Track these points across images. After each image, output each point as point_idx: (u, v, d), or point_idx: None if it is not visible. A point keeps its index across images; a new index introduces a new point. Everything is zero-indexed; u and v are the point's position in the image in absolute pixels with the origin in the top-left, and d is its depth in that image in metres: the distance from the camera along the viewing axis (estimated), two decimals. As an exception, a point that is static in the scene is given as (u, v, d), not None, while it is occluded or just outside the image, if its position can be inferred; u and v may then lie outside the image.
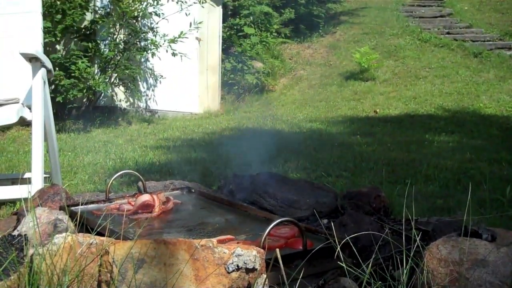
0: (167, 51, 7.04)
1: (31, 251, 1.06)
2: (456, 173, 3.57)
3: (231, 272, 1.08)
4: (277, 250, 1.12)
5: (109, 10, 7.22)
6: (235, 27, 10.24)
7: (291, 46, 11.18)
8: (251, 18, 10.28)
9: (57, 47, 7.22)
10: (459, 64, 9.28)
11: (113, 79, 7.12)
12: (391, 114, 7.01)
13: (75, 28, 7.05)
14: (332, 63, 10.29)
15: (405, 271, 1.10)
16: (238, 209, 1.78)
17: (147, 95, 7.84)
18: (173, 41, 6.99)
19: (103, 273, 1.05)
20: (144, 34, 7.12)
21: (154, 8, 7.03)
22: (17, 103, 2.68)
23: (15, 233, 1.59)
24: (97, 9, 7.29)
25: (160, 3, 7.00)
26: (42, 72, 2.59)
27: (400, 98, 7.92)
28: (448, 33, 10.93)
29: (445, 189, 3.18)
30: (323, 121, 6.51)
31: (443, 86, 8.35)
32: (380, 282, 1.10)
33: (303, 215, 1.83)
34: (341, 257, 1.17)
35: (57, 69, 6.52)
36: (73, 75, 6.59)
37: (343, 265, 1.11)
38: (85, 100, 7.23)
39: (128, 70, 6.97)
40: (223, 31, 9.43)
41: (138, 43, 7.12)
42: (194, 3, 7.18)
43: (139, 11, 7.00)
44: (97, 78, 6.72)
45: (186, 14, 7.09)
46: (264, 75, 9.54)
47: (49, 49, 7.01)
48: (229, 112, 8.34)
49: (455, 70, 9.00)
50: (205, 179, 3.26)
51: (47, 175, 2.86)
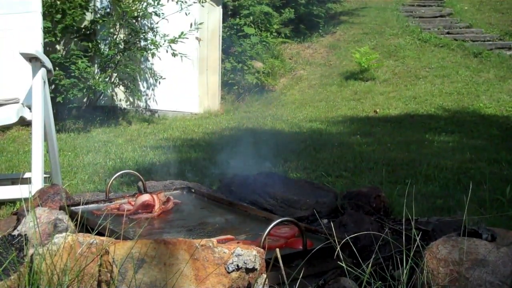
0: (167, 51, 7.04)
1: (31, 251, 1.06)
2: (456, 173, 3.57)
3: (231, 272, 1.08)
4: (277, 250, 1.12)
5: (109, 10, 7.23)
6: (235, 27, 10.24)
7: (291, 46, 11.18)
8: (251, 18, 10.28)
9: (57, 47, 7.22)
10: (459, 64, 9.29)
11: (113, 79, 7.12)
12: (391, 114, 7.01)
13: (75, 28, 7.05)
14: (332, 63, 10.29)
15: (405, 271, 1.10)
16: (238, 209, 1.78)
17: (147, 95, 7.84)
18: (173, 41, 6.99)
19: (103, 273, 1.05)
20: (144, 34, 7.12)
21: (154, 8, 7.03)
22: (17, 103, 2.68)
23: (15, 233, 1.59)
24: (97, 9, 7.29)
25: (160, 3, 7.00)
26: (42, 72, 2.59)
27: (400, 98, 7.92)
28: (448, 33, 10.93)
29: (445, 189, 3.18)
30: (323, 121, 6.51)
31: (443, 86, 8.35)
32: (380, 282, 1.10)
33: (303, 215, 1.83)
34: (341, 257, 1.17)
35: (57, 69, 6.52)
36: (73, 75, 6.59)
37: (343, 265, 1.11)
38: (85, 100, 7.23)
39: (128, 69, 6.97)
40: (223, 31, 9.43)
41: (138, 42, 7.12)
42: (194, 3, 7.18)
43: (139, 11, 7.00)
44: (97, 77, 6.72)
45: (186, 14, 7.09)
46: (264, 75, 9.54)
47: (49, 49, 7.01)
48: (229, 112, 8.34)
49: (455, 70, 9.00)
50: (205, 179, 3.26)
51: (47, 175, 2.86)
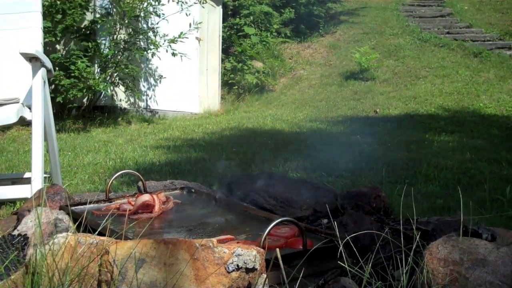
0: (167, 51, 7.04)
1: (32, 251, 1.06)
2: (456, 173, 3.57)
3: (231, 272, 1.08)
4: (277, 249, 1.12)
5: (109, 10, 7.23)
6: (235, 27, 10.24)
7: (291, 46, 11.18)
8: (251, 18, 10.29)
9: (57, 47, 7.23)
10: (459, 64, 9.29)
11: (113, 79, 7.12)
12: (391, 114, 7.01)
13: (75, 27, 7.05)
14: (332, 63, 10.29)
15: (405, 271, 1.10)
16: (238, 209, 1.78)
17: (147, 95, 7.84)
18: (173, 41, 6.99)
19: (103, 273, 1.05)
20: (144, 34, 7.12)
21: (154, 8, 7.03)
22: (17, 103, 2.68)
23: (15, 233, 1.59)
24: (97, 9, 7.29)
25: (161, 3, 7.01)
26: (42, 72, 2.59)
27: (400, 98, 7.92)
28: (448, 33, 10.93)
29: (445, 189, 3.18)
30: (323, 121, 6.51)
31: (443, 86, 8.35)
32: (380, 282, 1.10)
33: (303, 215, 1.83)
34: (343, 256, 1.17)
35: (57, 69, 6.52)
36: (73, 75, 6.59)
37: (343, 264, 1.11)
38: (85, 100, 7.23)
39: (128, 69, 6.97)
40: (223, 31, 9.43)
41: (138, 42, 7.13)
42: (194, 3, 7.18)
43: (139, 10, 7.01)
44: (97, 77, 6.72)
45: (186, 14, 7.09)
46: (264, 75, 9.55)
47: (49, 49, 7.01)
48: (229, 112, 8.35)
49: (455, 70, 9.00)
50: (205, 179, 3.26)
51: (47, 175, 2.86)
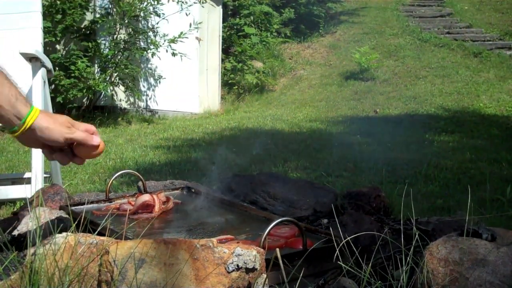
0: (167, 51, 7.04)
1: (31, 251, 1.06)
2: (456, 173, 3.57)
3: (231, 271, 1.08)
4: (277, 249, 1.12)
5: (109, 10, 7.23)
6: (235, 27, 10.24)
7: (291, 46, 11.18)
8: (251, 18, 10.29)
9: (57, 47, 7.23)
10: (459, 64, 9.29)
11: (113, 79, 7.12)
12: (391, 114, 7.01)
13: (75, 27, 7.05)
14: (332, 63, 10.29)
15: (405, 271, 1.10)
16: (238, 209, 1.77)
17: (147, 95, 7.85)
18: (173, 41, 6.99)
19: (103, 273, 1.05)
20: (144, 33, 7.12)
21: (154, 8, 7.03)
22: (17, 103, 2.68)
23: (15, 233, 1.59)
24: (97, 9, 7.29)
25: (160, 2, 7.01)
26: (42, 72, 2.60)
27: (400, 98, 7.92)
28: (448, 33, 10.93)
29: (445, 189, 3.18)
30: (323, 121, 6.51)
31: (443, 86, 8.35)
32: (380, 281, 1.10)
33: (303, 215, 1.83)
34: (342, 256, 1.17)
35: (57, 69, 6.52)
36: (73, 75, 6.59)
37: (343, 265, 1.11)
38: (85, 100, 7.23)
39: (128, 69, 6.97)
40: (223, 31, 9.43)
41: (138, 42, 7.13)
42: (194, 3, 7.18)
43: (139, 10, 7.01)
44: (97, 77, 6.72)
45: (186, 14, 7.10)
46: (264, 75, 9.55)
47: (49, 49, 7.02)
48: (229, 112, 8.35)
49: (455, 70, 9.00)
50: (205, 179, 3.26)
51: (47, 175, 2.86)
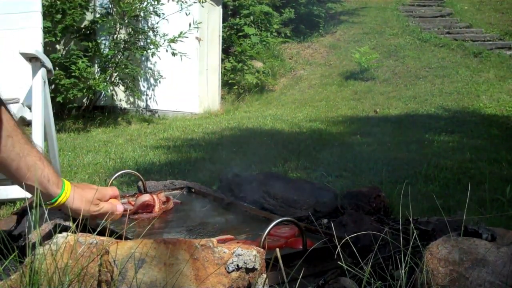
0: (167, 51, 7.04)
1: (31, 251, 1.06)
2: (456, 173, 3.57)
3: (231, 272, 1.08)
4: (277, 249, 1.12)
5: (109, 10, 7.23)
6: (235, 27, 10.24)
7: (291, 46, 11.18)
8: (251, 18, 10.29)
9: (57, 47, 7.23)
10: (459, 64, 9.29)
11: (113, 79, 7.12)
12: (391, 114, 7.01)
13: (75, 27, 7.05)
14: (332, 63, 10.29)
15: (404, 271, 1.10)
16: (238, 209, 1.77)
17: (147, 95, 7.85)
18: (173, 40, 6.99)
19: (103, 273, 1.05)
20: (144, 33, 7.13)
21: (154, 8, 7.04)
22: (17, 103, 2.68)
23: (15, 233, 1.59)
24: (97, 8, 7.29)
25: (160, 2, 7.01)
26: (42, 71, 2.59)
27: (400, 98, 7.92)
28: (448, 33, 10.93)
29: (445, 189, 3.18)
30: (323, 121, 6.51)
31: (443, 86, 8.35)
32: (380, 281, 1.10)
33: (303, 215, 1.83)
34: (341, 257, 1.17)
35: (57, 68, 6.52)
36: (73, 74, 6.60)
37: (343, 264, 1.11)
38: (85, 99, 7.23)
39: (128, 69, 6.98)
40: (223, 31, 9.43)
41: (138, 42, 7.13)
42: (194, 2, 7.18)
43: (139, 10, 7.01)
44: (97, 77, 6.72)
45: (186, 14, 7.10)
46: (264, 75, 9.55)
47: (49, 48, 7.02)
48: (229, 112, 8.35)
49: (455, 70, 9.00)
50: (205, 179, 3.26)
51: (47, 175, 2.86)
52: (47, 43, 6.73)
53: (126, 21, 7.00)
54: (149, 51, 7.09)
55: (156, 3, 6.99)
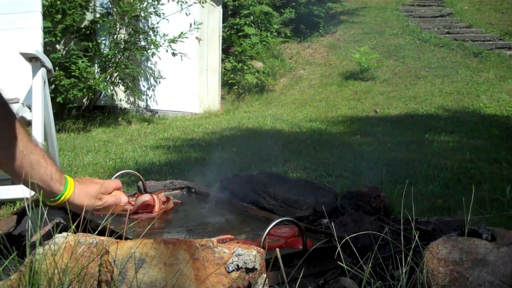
0: (167, 51, 7.04)
1: (31, 251, 1.06)
2: (456, 173, 3.57)
3: (231, 271, 1.08)
4: (277, 249, 1.12)
5: (109, 10, 7.23)
6: (235, 27, 10.24)
7: (291, 46, 11.18)
8: (251, 18, 10.29)
9: (57, 47, 7.23)
10: (459, 64, 9.29)
11: (113, 79, 7.12)
12: (391, 114, 7.01)
13: (75, 27, 7.05)
14: (332, 63, 10.29)
15: (404, 271, 1.10)
16: (238, 209, 1.77)
17: (147, 95, 7.85)
18: (173, 41, 6.99)
19: (103, 273, 1.05)
20: (144, 33, 7.13)
21: (154, 8, 7.04)
22: (17, 103, 2.68)
23: (15, 233, 1.59)
24: (97, 8, 7.29)
25: (160, 3, 7.01)
26: (42, 72, 2.59)
27: (400, 98, 7.92)
28: (448, 33, 10.93)
29: (445, 189, 3.18)
30: (323, 121, 6.51)
31: (443, 86, 8.35)
32: (380, 281, 1.10)
33: (303, 215, 1.83)
34: (341, 256, 1.17)
35: (57, 69, 6.52)
36: (73, 74, 6.59)
37: (343, 264, 1.11)
38: (85, 99, 7.23)
39: (128, 69, 6.97)
40: (223, 31, 9.43)
41: (138, 42, 7.13)
42: (194, 3, 7.18)
43: (139, 10, 7.01)
44: (97, 77, 6.72)
45: (186, 14, 7.09)
46: (264, 75, 9.55)
47: (49, 49, 7.01)
48: (229, 112, 8.35)
49: (455, 70, 9.00)
50: (205, 179, 3.25)
51: (47, 175, 2.86)
52: (47, 43, 6.73)
53: (126, 21, 7.00)
54: (149, 51, 7.09)
55: (156, 3, 6.99)
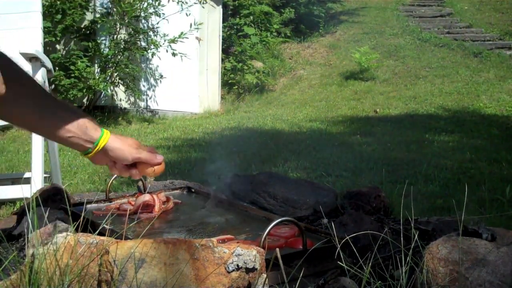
0: (167, 51, 7.04)
1: (31, 251, 1.06)
2: (456, 173, 3.57)
3: (231, 271, 1.08)
4: (277, 249, 1.12)
5: (109, 10, 7.23)
6: (235, 27, 10.24)
7: (291, 45, 11.18)
8: (251, 17, 10.29)
9: (57, 47, 7.23)
10: (459, 63, 9.28)
11: (113, 79, 7.12)
12: (391, 114, 7.01)
13: (75, 27, 7.05)
14: (332, 63, 10.29)
15: (404, 271, 1.10)
16: (238, 209, 1.78)
17: (147, 95, 7.85)
18: (173, 41, 6.99)
19: (103, 272, 1.05)
20: (144, 33, 7.13)
21: (154, 8, 7.03)
22: (17, 103, 2.68)
23: (15, 233, 1.59)
24: (97, 8, 7.29)
25: (160, 3, 7.01)
26: (42, 72, 2.59)
27: (400, 97, 7.92)
28: (448, 33, 10.93)
29: (445, 189, 3.18)
30: (323, 121, 6.51)
31: (443, 85, 8.35)
32: (380, 281, 1.10)
33: (303, 215, 1.83)
34: (341, 256, 1.17)
35: (57, 69, 6.52)
36: (73, 75, 6.59)
37: (343, 264, 1.11)
38: (85, 99, 7.23)
39: (128, 69, 6.97)
40: (223, 31, 9.43)
41: (138, 42, 7.13)
42: (194, 3, 7.18)
43: (139, 10, 7.01)
44: (97, 77, 6.72)
45: (186, 14, 7.09)
46: (264, 75, 9.55)
47: (49, 49, 7.01)
48: (229, 111, 8.35)
49: (455, 69, 9.00)
50: (205, 179, 3.25)
51: (47, 175, 2.86)
52: (47, 43, 6.73)
53: (126, 21, 7.00)
54: (149, 51, 7.09)
55: (156, 3, 6.99)
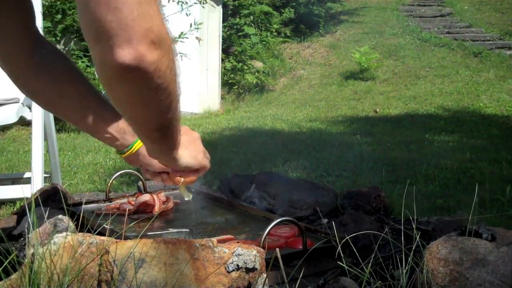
0: (167, 51, 7.04)
1: (31, 251, 1.06)
2: (456, 173, 3.57)
3: (231, 271, 1.08)
4: (277, 249, 1.12)
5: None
6: (235, 27, 10.24)
7: (291, 45, 11.18)
8: (251, 17, 10.29)
9: (57, 47, 7.23)
10: (459, 63, 9.29)
11: (113, 79, 7.13)
12: (391, 113, 7.01)
13: (75, 27, 7.05)
14: (332, 63, 10.29)
15: (405, 271, 1.10)
16: (238, 209, 1.77)
17: (147, 95, 7.85)
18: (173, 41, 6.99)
19: (103, 272, 1.05)
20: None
21: (154, 8, 7.04)
22: (17, 102, 2.68)
23: (15, 233, 1.59)
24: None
25: (161, 3, 7.01)
26: (42, 72, 2.59)
27: (400, 97, 7.92)
28: (448, 33, 10.93)
29: (445, 189, 3.18)
30: (323, 121, 6.51)
31: (443, 85, 8.35)
32: (380, 281, 1.10)
33: (303, 215, 1.83)
34: (341, 256, 1.17)
35: (57, 69, 6.53)
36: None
37: (343, 264, 1.11)
38: (85, 100, 7.24)
39: (128, 69, 6.97)
40: (223, 31, 9.43)
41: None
42: (194, 3, 7.17)
43: (139, 10, 7.01)
44: (97, 77, 6.73)
45: (186, 14, 7.09)
46: (264, 75, 9.55)
47: (49, 49, 7.02)
48: (229, 111, 8.35)
49: (455, 69, 9.00)
50: (205, 179, 3.25)
51: (47, 175, 2.86)
52: (47, 43, 6.74)
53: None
54: (149, 51, 7.09)
55: (156, 3, 6.99)
